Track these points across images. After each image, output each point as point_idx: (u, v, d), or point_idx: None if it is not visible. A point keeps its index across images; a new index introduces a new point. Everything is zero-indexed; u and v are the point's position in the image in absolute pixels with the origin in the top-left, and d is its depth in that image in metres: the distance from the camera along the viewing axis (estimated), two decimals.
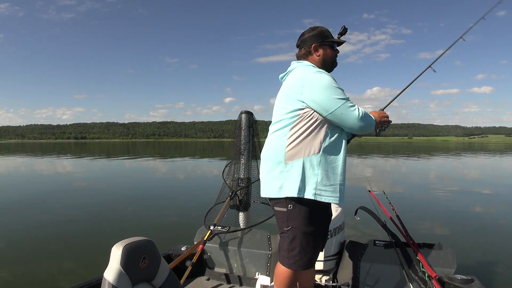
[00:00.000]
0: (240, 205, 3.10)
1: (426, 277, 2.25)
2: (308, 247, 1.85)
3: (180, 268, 2.61)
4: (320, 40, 1.93)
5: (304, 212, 1.80)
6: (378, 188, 8.40)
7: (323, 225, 1.95)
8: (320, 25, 2.01)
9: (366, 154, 33.99)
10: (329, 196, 1.78)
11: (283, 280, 1.91)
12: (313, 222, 1.83)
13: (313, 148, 1.76)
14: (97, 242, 5.12)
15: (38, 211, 7.37)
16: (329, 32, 1.97)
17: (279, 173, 1.81)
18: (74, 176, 15.31)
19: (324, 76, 1.80)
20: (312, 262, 1.92)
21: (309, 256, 1.87)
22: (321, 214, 1.89)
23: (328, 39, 1.95)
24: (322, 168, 1.76)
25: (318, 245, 1.93)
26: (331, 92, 1.74)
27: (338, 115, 1.75)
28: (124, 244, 1.31)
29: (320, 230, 1.92)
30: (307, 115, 1.78)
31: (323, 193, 1.77)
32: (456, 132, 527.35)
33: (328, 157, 1.79)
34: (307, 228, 1.81)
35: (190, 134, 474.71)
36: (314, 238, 1.85)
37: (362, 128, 1.82)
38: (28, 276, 3.95)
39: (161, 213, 7.31)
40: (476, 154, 34.85)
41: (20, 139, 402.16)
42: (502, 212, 7.53)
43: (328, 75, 1.83)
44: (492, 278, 3.88)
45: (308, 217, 1.81)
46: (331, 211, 2.03)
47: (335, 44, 1.97)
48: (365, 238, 2.87)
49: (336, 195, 1.80)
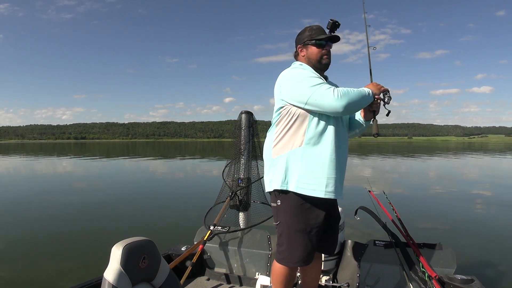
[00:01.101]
0: (240, 205, 3.10)
1: (426, 277, 2.25)
2: (296, 244, 1.83)
3: (180, 268, 2.61)
4: (302, 42, 1.95)
5: (291, 208, 1.82)
6: (378, 188, 8.40)
7: (315, 223, 1.83)
8: (312, 24, 1.97)
9: (366, 154, 33.99)
10: (313, 189, 1.77)
11: (277, 276, 1.94)
12: (301, 218, 1.81)
13: (296, 142, 1.81)
14: (97, 242, 5.12)
15: (38, 211, 7.37)
16: (316, 30, 1.92)
17: (269, 168, 1.92)
18: (74, 176, 15.32)
19: (297, 71, 1.85)
20: (302, 260, 1.84)
21: (298, 253, 1.83)
22: (311, 211, 1.82)
23: (310, 38, 1.91)
24: (306, 161, 1.78)
25: (309, 243, 1.84)
26: (303, 83, 1.77)
27: (314, 103, 1.73)
28: (124, 244, 1.31)
29: (310, 228, 1.82)
30: (287, 111, 1.85)
31: (306, 186, 1.78)
32: (456, 132, 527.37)
33: (312, 149, 1.79)
34: (294, 224, 1.82)
35: (190, 134, 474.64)
36: (302, 235, 1.82)
37: (348, 107, 1.71)
38: (28, 276, 3.95)
39: (161, 213, 7.31)
40: (476, 154, 34.84)
41: (20, 140, 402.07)
42: (502, 212, 7.52)
43: (303, 69, 1.87)
44: (492, 278, 3.88)
45: (295, 213, 1.81)
46: (333, 209, 1.95)
47: (323, 41, 1.89)
48: (365, 238, 2.87)
49: (322, 188, 1.76)
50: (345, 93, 1.71)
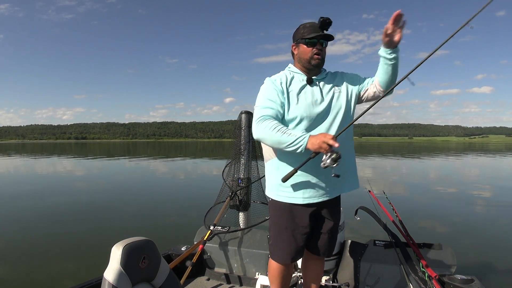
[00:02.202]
0: (240, 205, 3.10)
1: (426, 277, 2.25)
2: (280, 239, 1.89)
3: (180, 268, 2.61)
4: (294, 41, 1.90)
5: (277, 208, 1.89)
6: (378, 189, 8.40)
7: (300, 224, 1.84)
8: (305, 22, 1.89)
9: (367, 155, 33.98)
10: (291, 197, 1.82)
11: (270, 271, 2.05)
12: (286, 218, 1.86)
13: (272, 152, 1.88)
14: (97, 242, 5.12)
15: (38, 211, 7.37)
16: (308, 28, 1.82)
17: (265, 170, 2.03)
18: (74, 176, 15.33)
19: (261, 88, 1.88)
20: (286, 256, 1.89)
21: (283, 249, 1.89)
22: (295, 214, 1.83)
23: (301, 37, 1.83)
24: (282, 170, 1.81)
25: (293, 241, 1.86)
26: (257, 102, 1.84)
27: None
28: (124, 244, 1.31)
29: (294, 227, 1.85)
30: None
31: (284, 193, 1.84)
32: (456, 132, 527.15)
33: (283, 159, 1.82)
34: (280, 221, 1.88)
35: (191, 134, 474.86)
36: (287, 232, 1.86)
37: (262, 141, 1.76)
38: (28, 276, 3.95)
39: (161, 213, 7.31)
40: (477, 154, 34.82)
41: (21, 140, 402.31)
42: (502, 212, 7.51)
43: (266, 83, 1.87)
44: (492, 278, 3.88)
45: (281, 213, 1.87)
46: (327, 210, 1.90)
47: (315, 39, 1.79)
48: (365, 238, 2.87)
49: (299, 195, 1.79)
50: (264, 127, 1.68)
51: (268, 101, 1.78)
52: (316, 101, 1.80)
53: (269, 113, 1.74)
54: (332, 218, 1.93)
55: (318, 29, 1.80)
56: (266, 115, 1.74)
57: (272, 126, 1.67)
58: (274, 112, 1.76)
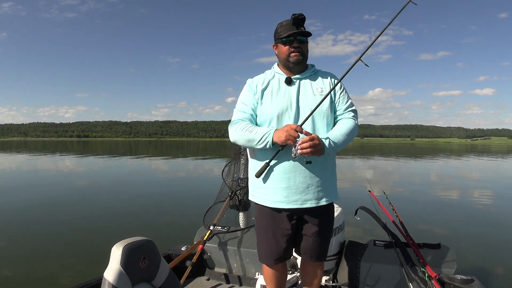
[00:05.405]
0: (239, 205, 3.10)
1: (426, 277, 2.25)
2: (262, 241, 1.92)
3: (180, 268, 2.61)
4: (274, 40, 1.90)
5: (257, 207, 1.92)
6: (378, 189, 8.39)
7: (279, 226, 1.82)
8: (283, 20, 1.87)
9: (367, 155, 33.92)
10: (262, 198, 1.83)
11: (263, 272, 2.05)
12: (265, 219, 1.86)
13: (250, 152, 1.92)
14: (97, 242, 5.11)
15: (38, 211, 7.38)
16: (284, 27, 1.81)
17: None
18: (75, 175, 15.34)
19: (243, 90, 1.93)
20: (268, 257, 1.90)
21: (265, 251, 1.91)
22: (274, 215, 1.82)
23: (277, 37, 1.85)
24: (256, 170, 1.81)
25: (273, 242, 1.85)
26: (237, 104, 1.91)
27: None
28: (124, 244, 1.31)
29: (274, 228, 1.83)
30: None
31: (257, 195, 1.86)
32: (458, 134, 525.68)
33: (258, 157, 1.83)
34: (260, 222, 1.90)
35: (193, 134, 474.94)
36: (266, 233, 1.87)
37: (236, 141, 1.80)
38: (28, 276, 3.96)
39: (161, 213, 7.31)
40: (479, 156, 34.71)
41: (23, 137, 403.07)
42: (502, 212, 7.50)
43: (245, 85, 1.91)
44: (492, 278, 3.88)
45: (262, 213, 1.87)
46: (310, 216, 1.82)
47: (291, 37, 1.78)
48: (365, 238, 2.87)
49: (269, 198, 1.79)
50: (235, 130, 1.77)
51: (242, 104, 1.87)
52: (290, 101, 1.79)
53: (241, 117, 1.83)
54: (316, 224, 1.83)
55: (293, 26, 1.78)
56: (237, 118, 1.83)
57: (241, 127, 1.75)
58: (247, 115, 1.83)
